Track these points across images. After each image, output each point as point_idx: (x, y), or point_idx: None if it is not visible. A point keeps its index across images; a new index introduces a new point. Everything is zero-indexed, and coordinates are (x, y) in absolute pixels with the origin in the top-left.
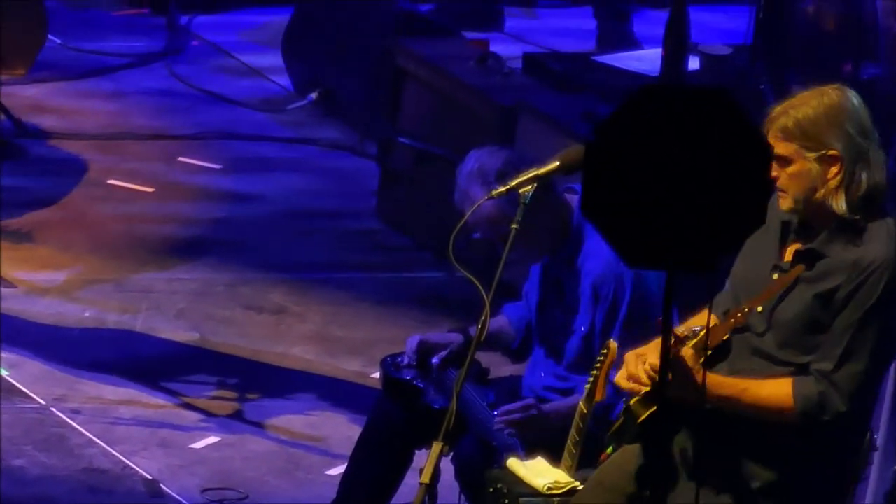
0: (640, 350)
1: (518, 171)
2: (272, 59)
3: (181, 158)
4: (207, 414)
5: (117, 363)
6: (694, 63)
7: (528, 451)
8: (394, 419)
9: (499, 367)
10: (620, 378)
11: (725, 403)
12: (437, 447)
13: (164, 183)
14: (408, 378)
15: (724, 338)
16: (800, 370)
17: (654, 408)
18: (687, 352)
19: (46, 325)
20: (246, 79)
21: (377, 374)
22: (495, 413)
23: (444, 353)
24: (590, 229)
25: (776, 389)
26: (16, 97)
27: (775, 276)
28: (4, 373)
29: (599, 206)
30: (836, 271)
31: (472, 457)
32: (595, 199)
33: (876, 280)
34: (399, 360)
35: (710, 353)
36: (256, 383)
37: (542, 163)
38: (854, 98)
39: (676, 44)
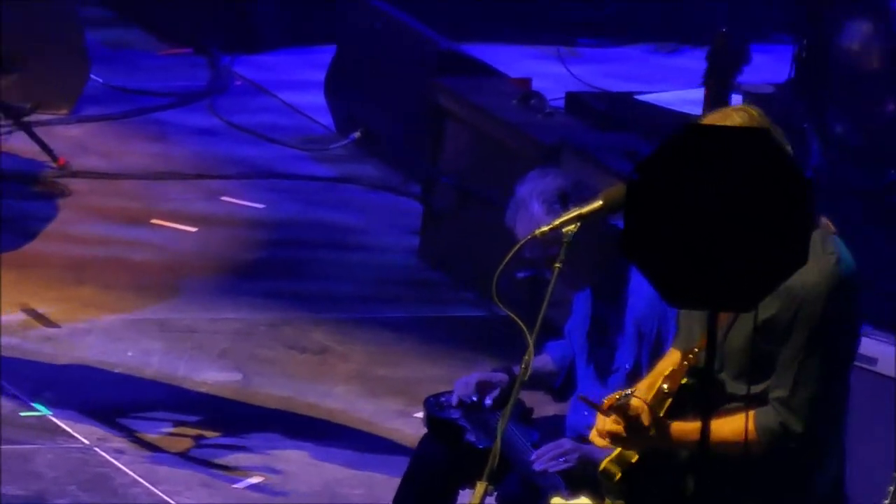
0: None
1: (579, 195)
2: (314, 99)
3: (224, 198)
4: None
5: (160, 403)
6: (736, 102)
7: (571, 491)
8: (437, 459)
9: (543, 406)
10: (593, 436)
11: (690, 446)
12: (480, 487)
13: (206, 222)
14: (451, 417)
15: (683, 381)
16: (756, 400)
17: (627, 467)
18: (640, 406)
19: (90, 364)
20: (288, 118)
21: (420, 414)
22: (532, 458)
23: (495, 393)
24: (634, 267)
25: (738, 425)
26: (59, 137)
27: None
28: (48, 412)
29: (641, 244)
30: (769, 300)
31: (516, 496)
32: (636, 237)
33: (813, 302)
34: (442, 399)
35: (671, 400)
36: (298, 431)
37: (587, 201)
38: (768, 119)
39: (719, 82)
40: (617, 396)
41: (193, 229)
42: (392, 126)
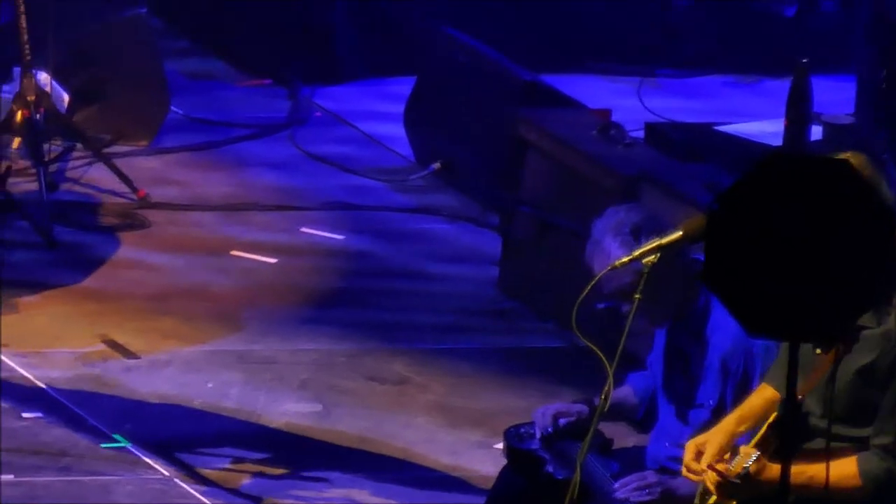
0: (700, 439)
1: (654, 230)
2: (394, 130)
3: (304, 229)
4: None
5: (240, 434)
6: (816, 133)
7: None
8: (517, 490)
9: (623, 437)
10: (686, 473)
11: (794, 492)
12: None
13: (286, 253)
14: (531, 448)
15: None
16: (858, 444)
17: None
18: (748, 451)
19: (169, 396)
20: (368, 149)
21: (500, 445)
22: (615, 485)
23: (572, 418)
24: (716, 301)
25: (841, 471)
26: (139, 168)
27: (818, 350)
28: (127, 444)
29: (722, 275)
30: (868, 345)
31: None
32: (717, 268)
33: None
34: (522, 430)
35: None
36: (376, 466)
37: (664, 231)
38: (875, 168)
39: (799, 113)
40: (743, 464)
41: (273, 260)
42: (471, 157)
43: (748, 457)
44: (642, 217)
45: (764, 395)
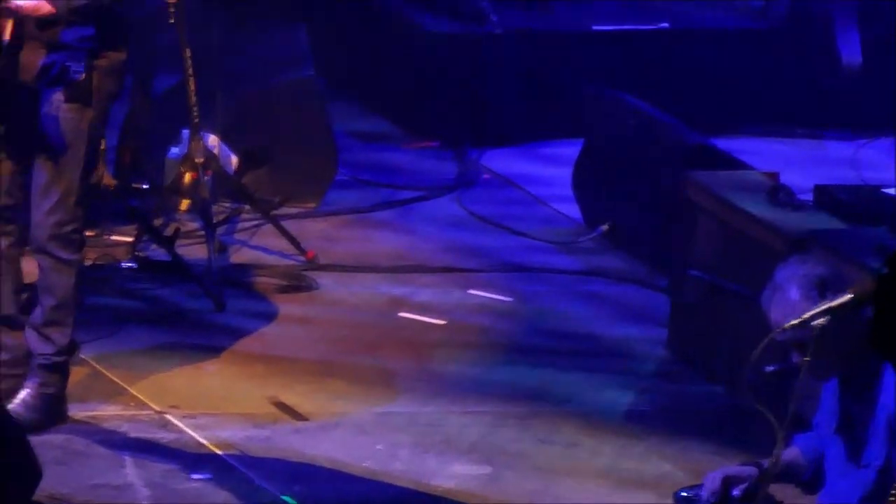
0: None
1: (837, 285)
2: (561, 191)
3: (471, 291)
4: None
5: (407, 499)
6: None
7: None
8: None
9: (792, 500)
10: None
11: None
12: None
13: (455, 315)
14: None
15: None
16: None
17: None
18: None
19: (338, 457)
20: (535, 211)
21: None
22: None
23: (745, 486)
24: (887, 363)
25: None
26: (307, 230)
27: None
28: None
29: (890, 337)
30: None
31: None
32: (885, 330)
33: None
34: (692, 493)
35: None
36: None
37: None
38: None
39: None
40: None
41: (442, 322)
42: (639, 219)
43: None
44: (829, 271)
45: None
